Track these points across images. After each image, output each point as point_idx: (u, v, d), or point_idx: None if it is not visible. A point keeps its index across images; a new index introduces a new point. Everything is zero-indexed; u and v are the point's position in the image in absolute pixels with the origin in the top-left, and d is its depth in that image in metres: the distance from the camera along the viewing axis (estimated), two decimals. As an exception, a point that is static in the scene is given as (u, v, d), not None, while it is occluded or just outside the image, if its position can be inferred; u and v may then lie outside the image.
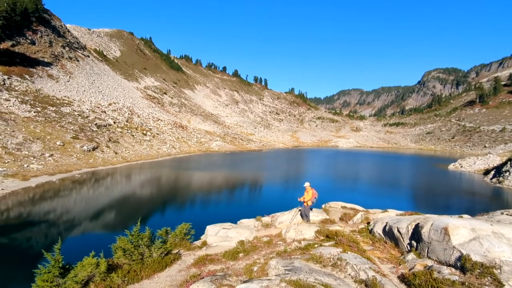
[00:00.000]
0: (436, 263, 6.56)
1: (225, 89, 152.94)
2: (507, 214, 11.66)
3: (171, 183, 34.49)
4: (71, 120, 46.62)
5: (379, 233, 9.49)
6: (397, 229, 8.50)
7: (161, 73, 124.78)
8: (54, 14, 78.83)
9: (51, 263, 7.03)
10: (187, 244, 10.71)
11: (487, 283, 5.26)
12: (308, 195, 12.33)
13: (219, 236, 11.35)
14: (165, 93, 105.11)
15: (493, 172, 41.37)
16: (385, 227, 9.34)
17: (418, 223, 7.78)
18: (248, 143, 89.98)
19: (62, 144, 38.18)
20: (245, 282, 5.60)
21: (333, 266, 6.59)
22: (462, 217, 10.11)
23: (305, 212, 12.61)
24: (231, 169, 47.04)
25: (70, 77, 65.00)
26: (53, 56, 65.37)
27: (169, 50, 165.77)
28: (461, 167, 51.45)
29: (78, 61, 74.84)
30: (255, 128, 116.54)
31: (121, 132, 54.14)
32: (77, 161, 36.65)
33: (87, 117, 51.52)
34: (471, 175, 46.36)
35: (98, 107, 60.45)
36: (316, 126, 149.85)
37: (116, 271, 7.59)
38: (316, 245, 8.62)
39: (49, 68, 60.99)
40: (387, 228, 9.17)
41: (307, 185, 12.65)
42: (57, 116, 45.50)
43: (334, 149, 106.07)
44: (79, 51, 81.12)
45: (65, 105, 51.45)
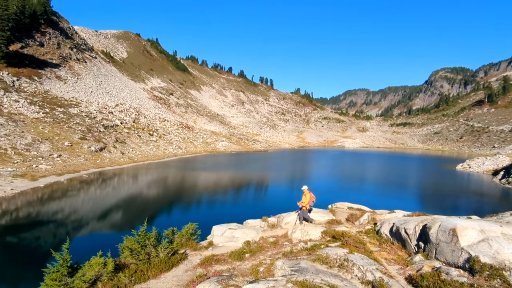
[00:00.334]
0: (444, 264, 6.49)
1: (231, 89, 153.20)
2: (517, 216, 11.47)
3: (177, 184, 34.68)
4: (78, 121, 47.20)
5: (386, 234, 9.42)
6: (405, 230, 8.43)
7: (167, 74, 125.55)
8: (62, 16, 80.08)
9: (59, 263, 7.10)
10: (193, 244, 10.75)
11: (496, 285, 5.18)
12: (306, 198, 12.30)
13: (225, 237, 11.38)
14: (172, 94, 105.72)
15: (502, 173, 40.67)
16: (392, 228, 9.27)
17: (426, 224, 7.71)
18: (254, 144, 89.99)
19: (70, 144, 38.68)
20: (251, 282, 5.60)
21: (340, 267, 6.56)
22: (471, 218, 9.99)
23: (303, 215, 12.60)
24: (237, 169, 47.11)
25: (77, 78, 65.80)
26: (61, 57, 66.27)
27: (175, 51, 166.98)
28: (470, 167, 50.78)
29: (85, 62, 75.74)
30: (261, 129, 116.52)
31: (128, 132, 54.62)
32: (84, 161, 37.09)
33: (94, 118, 52.11)
34: (480, 175, 45.71)
35: (105, 108, 61.09)
36: (322, 126, 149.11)
37: (123, 271, 7.66)
38: (322, 246, 8.59)
39: (57, 69, 61.82)
40: (394, 229, 9.10)
41: (305, 188, 12.58)
42: (65, 117, 46.11)
43: (340, 149, 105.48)
44: (87, 52, 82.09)
45: (73, 106, 52.11)
